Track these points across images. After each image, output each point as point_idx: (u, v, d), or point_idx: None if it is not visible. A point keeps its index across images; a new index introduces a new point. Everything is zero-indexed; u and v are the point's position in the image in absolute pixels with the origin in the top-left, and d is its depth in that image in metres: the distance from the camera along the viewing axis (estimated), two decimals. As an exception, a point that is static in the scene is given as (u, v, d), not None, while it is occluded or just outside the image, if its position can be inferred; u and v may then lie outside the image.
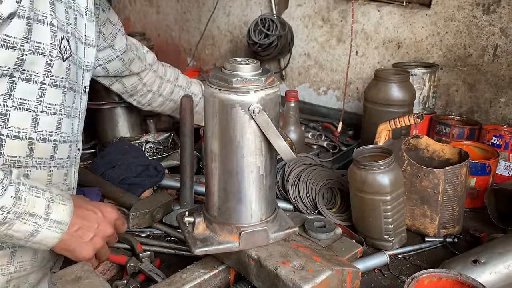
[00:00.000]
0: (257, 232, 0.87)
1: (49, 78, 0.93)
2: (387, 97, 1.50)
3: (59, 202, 0.89)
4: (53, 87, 0.95)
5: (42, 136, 0.97)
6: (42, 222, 0.85)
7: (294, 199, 1.32)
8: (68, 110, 1.02)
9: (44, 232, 0.86)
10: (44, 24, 0.89)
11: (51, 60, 0.92)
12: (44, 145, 0.97)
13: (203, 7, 2.66)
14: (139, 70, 1.46)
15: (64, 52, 0.96)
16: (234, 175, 0.84)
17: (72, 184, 1.11)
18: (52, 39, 0.91)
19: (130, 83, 1.48)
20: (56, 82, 0.95)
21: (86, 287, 0.83)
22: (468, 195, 1.29)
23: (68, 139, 1.04)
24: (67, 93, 1.00)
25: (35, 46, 0.88)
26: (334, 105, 2.13)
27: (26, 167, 0.96)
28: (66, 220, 0.89)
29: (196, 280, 0.89)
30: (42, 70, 0.91)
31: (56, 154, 1.01)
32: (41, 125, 0.95)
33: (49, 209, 0.86)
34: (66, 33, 0.97)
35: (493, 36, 1.59)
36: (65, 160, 1.05)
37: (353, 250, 1.07)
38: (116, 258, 1.07)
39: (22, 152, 0.94)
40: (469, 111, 1.72)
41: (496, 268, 0.95)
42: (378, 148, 1.18)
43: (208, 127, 0.85)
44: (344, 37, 2.02)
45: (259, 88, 0.80)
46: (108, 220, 0.96)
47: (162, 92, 1.55)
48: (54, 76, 0.94)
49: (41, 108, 0.94)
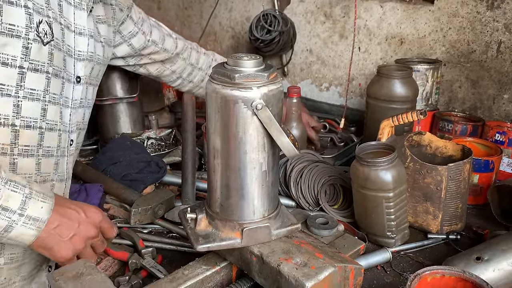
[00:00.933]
0: (259, 229, 0.87)
1: (28, 62, 0.91)
2: (390, 93, 1.49)
3: (37, 199, 0.86)
4: (33, 72, 0.93)
5: (26, 122, 0.95)
6: (16, 217, 0.83)
7: (296, 195, 1.31)
8: (54, 97, 1.00)
9: (19, 228, 0.84)
10: (17, 6, 0.88)
11: (28, 43, 0.90)
12: (29, 132, 0.96)
13: (205, 3, 2.65)
14: (163, 59, 1.46)
15: (44, 36, 0.93)
16: (237, 172, 0.84)
17: (64, 176, 1.09)
18: (27, 22, 0.89)
19: (154, 68, 1.48)
20: (36, 66, 0.93)
21: (88, 283, 0.83)
22: (471, 192, 1.29)
23: (55, 127, 1.02)
24: (51, 79, 0.97)
25: (8, 28, 0.87)
26: (336, 102, 2.12)
27: (12, 155, 0.94)
28: (44, 218, 0.86)
29: (198, 276, 0.89)
30: (19, 54, 0.90)
31: (43, 142, 0.99)
32: (23, 111, 0.94)
33: (25, 205, 0.84)
34: (47, 17, 0.94)
35: (497, 32, 1.58)
36: (54, 149, 1.03)
37: (356, 247, 1.07)
38: (118, 254, 1.07)
39: (6, 139, 0.93)
40: (472, 108, 1.71)
41: (500, 265, 0.94)
42: (380, 145, 1.17)
43: (210, 123, 0.84)
44: (346, 33, 2.01)
45: (262, 84, 0.79)
46: (91, 221, 0.93)
47: (192, 79, 1.56)
48: (34, 60, 0.92)
49: (22, 94, 0.93)
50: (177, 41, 1.47)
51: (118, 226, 1.21)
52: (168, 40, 1.44)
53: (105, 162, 1.40)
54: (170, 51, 1.45)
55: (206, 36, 2.67)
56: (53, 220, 0.88)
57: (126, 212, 1.26)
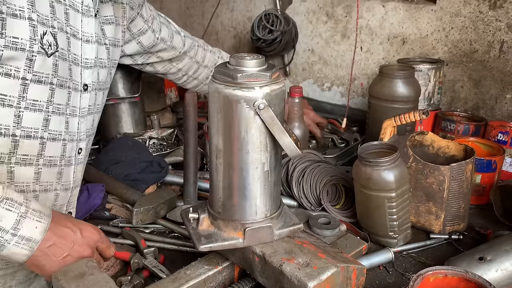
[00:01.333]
0: (261, 229, 0.87)
1: (32, 74, 0.91)
2: (392, 93, 1.49)
3: (33, 218, 0.84)
4: (37, 83, 0.92)
5: (27, 133, 0.94)
6: (9, 237, 0.82)
7: (298, 195, 1.31)
8: (58, 108, 0.99)
9: (11, 247, 0.82)
10: (21, 19, 0.87)
11: (32, 56, 0.90)
12: (29, 141, 0.95)
13: (207, 3, 2.65)
14: (171, 57, 1.46)
15: (48, 48, 0.93)
16: (239, 171, 0.84)
17: (70, 185, 1.08)
18: (31, 34, 0.89)
19: (161, 67, 1.49)
20: (40, 78, 0.93)
21: (90, 283, 0.83)
22: (473, 192, 1.28)
23: (59, 137, 1.01)
24: (55, 90, 0.97)
25: (12, 42, 0.86)
26: (338, 101, 2.12)
27: (9, 163, 0.94)
28: (37, 238, 0.85)
29: (201, 276, 0.89)
30: (23, 65, 0.89)
31: (44, 151, 0.98)
32: (24, 122, 0.93)
33: (18, 225, 0.82)
34: (51, 27, 0.93)
35: (499, 32, 1.57)
36: (57, 159, 1.02)
37: (358, 247, 1.06)
38: (120, 254, 1.06)
39: (5, 148, 0.92)
40: (474, 108, 1.70)
41: (502, 266, 0.94)
42: (383, 145, 1.17)
43: (212, 123, 0.84)
44: (348, 33, 2.00)
45: (264, 83, 0.79)
46: (86, 241, 0.92)
47: (197, 76, 1.56)
48: (38, 72, 0.92)
49: (24, 105, 0.92)
50: (185, 39, 1.47)
51: (120, 226, 1.21)
52: (176, 37, 1.44)
53: (107, 162, 1.40)
54: (178, 49, 1.44)
55: (208, 36, 2.67)
56: (48, 239, 0.86)
57: (128, 212, 1.26)
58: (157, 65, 1.47)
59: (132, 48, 1.34)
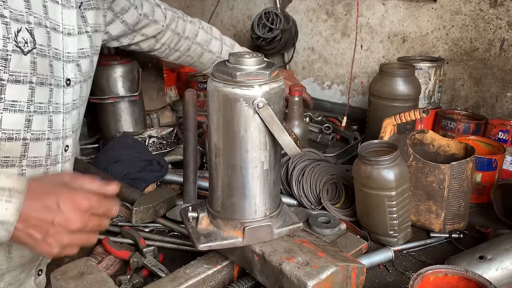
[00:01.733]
0: (261, 228, 0.87)
1: (8, 74, 0.86)
2: (392, 91, 1.48)
3: (1, 199, 0.75)
4: (14, 83, 0.88)
5: (8, 135, 0.90)
6: None
7: (298, 194, 1.31)
8: (40, 107, 0.95)
9: None
10: None
11: (7, 55, 0.85)
12: (10, 144, 0.91)
13: (206, 1, 2.64)
14: (155, 33, 1.46)
15: (24, 45, 0.88)
16: (238, 170, 0.84)
17: None
18: (4, 32, 0.84)
19: (146, 45, 1.49)
20: (17, 77, 0.88)
21: (89, 282, 0.83)
22: (474, 190, 1.28)
23: (43, 136, 0.97)
24: (36, 89, 0.93)
25: None
26: (338, 100, 2.12)
27: None
28: (11, 220, 0.75)
29: (200, 275, 0.89)
30: None
31: (28, 152, 0.94)
32: (4, 124, 0.89)
33: None
34: (27, 23, 0.89)
35: (500, 30, 1.57)
36: (41, 159, 0.98)
37: (358, 246, 1.06)
38: (120, 253, 1.06)
39: None
40: (475, 106, 1.70)
41: (503, 264, 0.94)
42: (383, 143, 1.17)
43: (211, 122, 0.84)
44: (348, 31, 2.00)
45: (263, 82, 0.79)
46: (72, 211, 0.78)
47: (179, 48, 1.56)
48: (15, 71, 0.87)
49: (3, 106, 0.88)
50: (166, 12, 1.47)
51: (120, 224, 1.21)
52: (157, 11, 1.43)
53: (106, 160, 1.40)
54: (160, 23, 1.44)
55: (208, 35, 2.66)
56: (24, 219, 0.76)
57: (128, 210, 1.26)
58: (142, 44, 1.48)
59: (117, 28, 1.32)
